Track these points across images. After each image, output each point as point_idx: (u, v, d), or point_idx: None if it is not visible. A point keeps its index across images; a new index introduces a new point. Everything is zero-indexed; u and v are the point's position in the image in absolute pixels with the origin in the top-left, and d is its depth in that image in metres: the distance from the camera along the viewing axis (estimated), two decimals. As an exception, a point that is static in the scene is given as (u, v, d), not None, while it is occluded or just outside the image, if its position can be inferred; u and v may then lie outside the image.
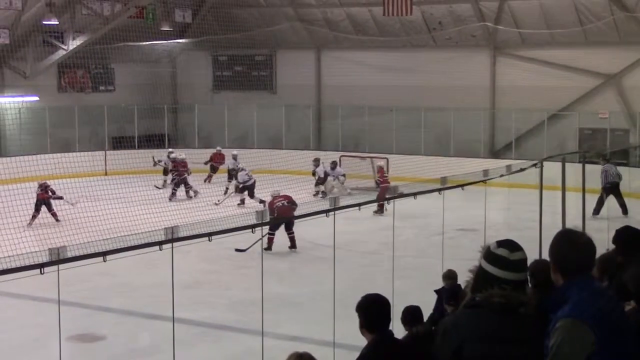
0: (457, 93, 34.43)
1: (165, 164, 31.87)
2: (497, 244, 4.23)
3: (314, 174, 30.39)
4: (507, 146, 34.13)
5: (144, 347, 13.94)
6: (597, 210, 23.38)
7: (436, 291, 10.89)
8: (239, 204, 27.34)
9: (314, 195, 29.96)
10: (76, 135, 36.17)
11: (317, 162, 30.49)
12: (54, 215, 24.77)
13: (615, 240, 6.51)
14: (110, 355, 13.73)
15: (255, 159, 32.15)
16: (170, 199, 28.96)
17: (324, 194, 29.71)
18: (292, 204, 20.74)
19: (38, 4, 33.13)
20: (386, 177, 27.52)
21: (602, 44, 32.21)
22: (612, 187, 24.27)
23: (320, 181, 30.31)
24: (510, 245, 4.22)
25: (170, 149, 32.75)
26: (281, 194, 21.63)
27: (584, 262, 4.17)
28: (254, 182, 27.64)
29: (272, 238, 20.18)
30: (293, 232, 20.60)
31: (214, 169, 33.15)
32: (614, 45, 32.08)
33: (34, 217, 24.48)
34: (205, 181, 31.98)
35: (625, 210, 24.12)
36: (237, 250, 19.04)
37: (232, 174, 29.99)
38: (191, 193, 29.73)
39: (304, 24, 37.76)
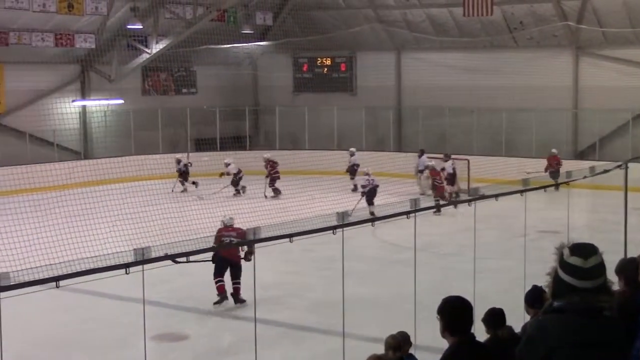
0: (539, 94, 33.99)
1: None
2: (569, 252, 4.09)
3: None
4: (590, 147, 33.54)
5: (227, 347, 14.07)
6: None
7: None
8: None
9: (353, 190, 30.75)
10: (159, 137, 36.70)
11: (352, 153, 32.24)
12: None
13: None
14: (194, 355, 13.89)
15: (336, 160, 32.31)
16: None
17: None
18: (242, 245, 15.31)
19: (123, 9, 33.76)
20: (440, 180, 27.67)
21: (689, 42, 31.51)
22: None
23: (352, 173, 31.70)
24: (583, 252, 4.07)
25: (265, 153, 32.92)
26: (234, 225, 16.30)
27: None
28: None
29: (222, 285, 15.94)
30: (239, 282, 15.96)
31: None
32: (701, 43, 31.36)
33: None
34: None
35: None
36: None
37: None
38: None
39: (383, 25, 37.68)
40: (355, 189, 30.86)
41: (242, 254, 15.56)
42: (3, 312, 7.49)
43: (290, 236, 10.03)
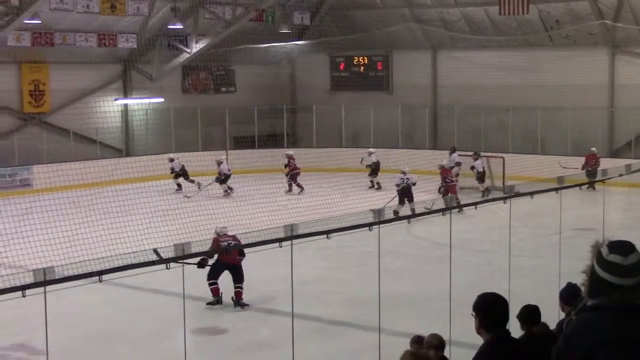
0: (574, 92, 33.68)
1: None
2: (608, 250, 4.03)
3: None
4: (626, 145, 33.21)
5: (264, 341, 14.12)
6: None
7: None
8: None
9: (369, 187, 31.38)
10: (199, 135, 36.89)
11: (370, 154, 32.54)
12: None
13: None
14: (232, 348, 13.96)
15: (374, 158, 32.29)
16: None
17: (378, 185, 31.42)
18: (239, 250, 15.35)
19: (163, 10, 33.97)
20: (451, 178, 27.36)
21: None
22: None
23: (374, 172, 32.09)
24: (622, 249, 4.00)
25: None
26: (228, 233, 16.23)
27: None
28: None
29: (217, 287, 15.85)
30: (241, 286, 15.84)
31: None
32: None
33: None
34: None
35: None
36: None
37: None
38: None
39: (420, 24, 37.57)
40: (377, 187, 31.26)
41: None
42: (48, 305, 7.58)
43: (327, 232, 10.05)
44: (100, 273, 8.10)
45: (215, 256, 15.31)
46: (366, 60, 39.58)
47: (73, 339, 13.79)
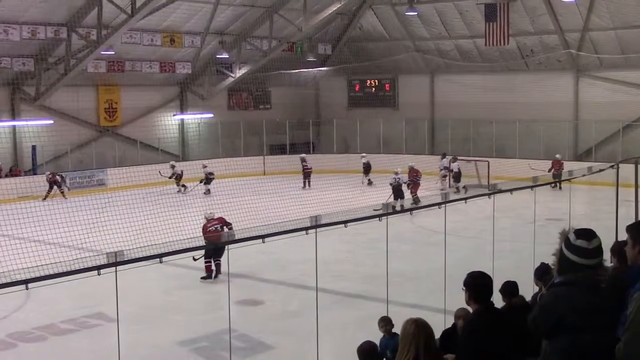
0: (546, 108, 33.54)
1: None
2: (575, 236, 4.01)
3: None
4: (588, 151, 32.98)
5: (294, 310, 14.10)
6: None
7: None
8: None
9: (369, 184, 31.17)
10: (241, 143, 36.94)
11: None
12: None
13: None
14: (268, 316, 13.94)
15: (382, 161, 32.18)
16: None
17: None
18: (226, 226, 16.19)
19: (213, 42, 34.06)
20: (419, 177, 26.40)
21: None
22: None
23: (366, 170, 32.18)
24: (587, 236, 4.00)
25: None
26: (215, 217, 16.68)
27: None
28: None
29: (210, 265, 15.70)
30: (220, 260, 15.63)
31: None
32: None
33: None
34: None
35: None
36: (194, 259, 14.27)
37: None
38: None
39: (420, 53, 37.46)
40: (369, 183, 31.25)
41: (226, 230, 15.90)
42: (119, 282, 7.59)
43: (345, 222, 10.00)
44: (161, 256, 8.09)
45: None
46: (377, 83, 39.47)
47: (139, 309, 13.81)
